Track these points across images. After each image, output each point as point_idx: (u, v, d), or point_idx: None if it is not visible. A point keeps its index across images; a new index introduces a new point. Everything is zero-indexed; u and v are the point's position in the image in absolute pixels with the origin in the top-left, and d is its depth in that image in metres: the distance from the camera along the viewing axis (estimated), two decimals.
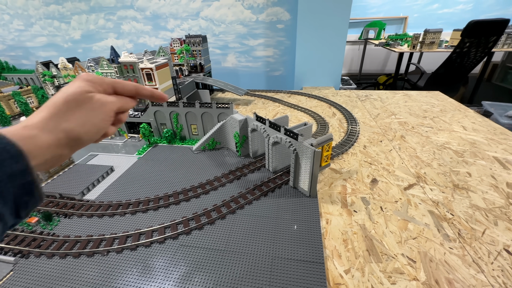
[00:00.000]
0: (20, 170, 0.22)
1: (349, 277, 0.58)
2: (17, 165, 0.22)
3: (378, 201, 0.81)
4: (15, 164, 0.22)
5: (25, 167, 0.23)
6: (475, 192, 0.83)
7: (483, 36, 2.32)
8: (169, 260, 0.64)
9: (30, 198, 0.23)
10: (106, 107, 0.32)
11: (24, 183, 0.23)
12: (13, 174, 0.21)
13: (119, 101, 0.35)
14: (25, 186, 0.23)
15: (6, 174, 0.21)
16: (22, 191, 0.22)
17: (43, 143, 0.26)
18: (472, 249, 0.63)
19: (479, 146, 1.10)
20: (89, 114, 0.31)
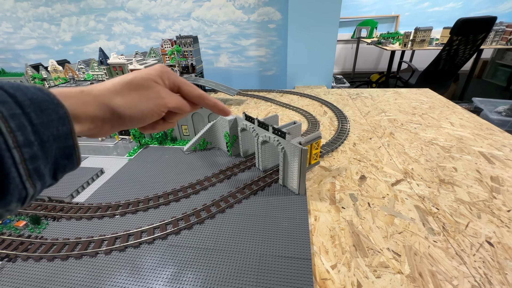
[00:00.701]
0: (64, 133, 0.22)
1: (335, 272, 0.59)
2: (63, 128, 0.22)
3: (366, 197, 0.82)
4: (61, 127, 0.22)
5: (69, 131, 0.23)
6: (460, 186, 0.85)
7: (472, 33, 2.36)
8: (158, 260, 0.64)
9: (69, 162, 0.24)
10: (161, 100, 0.33)
11: (66, 147, 0.23)
12: (58, 136, 0.22)
13: (178, 101, 0.35)
14: (65, 149, 0.23)
15: (52, 135, 0.21)
16: (63, 154, 0.23)
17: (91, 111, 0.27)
18: (455, 241, 0.65)
19: (466, 141, 1.12)
20: (141, 100, 0.31)
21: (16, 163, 0.18)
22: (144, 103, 0.32)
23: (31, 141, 0.19)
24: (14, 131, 0.18)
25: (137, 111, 0.31)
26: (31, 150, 0.20)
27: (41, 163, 0.21)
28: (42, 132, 0.20)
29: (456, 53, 2.52)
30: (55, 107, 0.22)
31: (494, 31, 3.16)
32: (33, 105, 0.20)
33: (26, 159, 0.19)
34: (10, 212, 0.20)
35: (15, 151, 0.18)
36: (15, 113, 0.19)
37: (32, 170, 0.20)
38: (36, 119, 0.20)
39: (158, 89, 0.33)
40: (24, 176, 0.19)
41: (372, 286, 0.56)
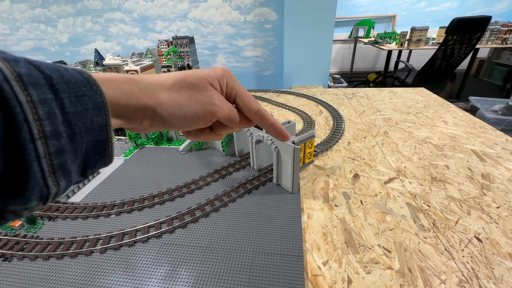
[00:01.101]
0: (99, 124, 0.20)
1: (327, 268, 0.60)
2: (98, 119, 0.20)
3: (359, 195, 0.83)
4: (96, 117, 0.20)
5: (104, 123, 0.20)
6: (452, 184, 0.86)
7: (467, 33, 2.38)
8: (153, 258, 0.65)
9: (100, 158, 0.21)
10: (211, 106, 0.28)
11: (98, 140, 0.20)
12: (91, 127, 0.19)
13: (230, 112, 0.30)
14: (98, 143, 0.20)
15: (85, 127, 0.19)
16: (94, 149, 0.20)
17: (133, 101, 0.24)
18: (445, 238, 0.66)
19: (459, 139, 1.13)
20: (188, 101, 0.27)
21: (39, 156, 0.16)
22: (190, 106, 0.27)
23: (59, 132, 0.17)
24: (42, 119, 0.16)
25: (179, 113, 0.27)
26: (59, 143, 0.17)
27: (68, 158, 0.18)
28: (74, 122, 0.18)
29: (452, 52, 2.54)
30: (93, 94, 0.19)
31: (489, 30, 3.18)
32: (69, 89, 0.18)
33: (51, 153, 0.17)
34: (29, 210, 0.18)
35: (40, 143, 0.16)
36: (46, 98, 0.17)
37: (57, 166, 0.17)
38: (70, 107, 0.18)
39: (212, 94, 0.28)
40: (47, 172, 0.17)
41: (362, 282, 0.57)
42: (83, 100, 0.19)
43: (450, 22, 2.37)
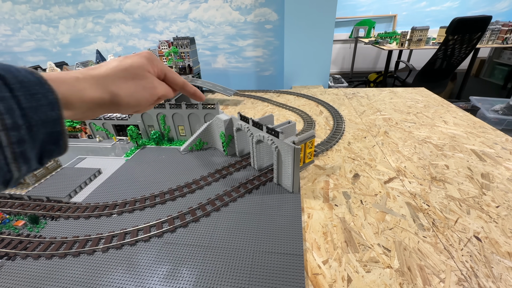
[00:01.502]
0: (53, 118, 0.22)
1: (327, 267, 0.61)
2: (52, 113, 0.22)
3: (359, 195, 0.84)
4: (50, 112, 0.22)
5: (58, 116, 0.23)
6: (451, 183, 0.86)
7: (467, 33, 2.38)
8: (154, 257, 0.65)
9: (56, 148, 0.24)
10: (154, 90, 0.35)
11: (53, 132, 0.23)
12: (46, 121, 0.22)
13: (165, 90, 0.37)
14: (53, 135, 0.23)
15: (41, 120, 0.21)
16: (50, 140, 0.23)
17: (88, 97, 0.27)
18: (444, 237, 0.66)
19: (458, 139, 1.13)
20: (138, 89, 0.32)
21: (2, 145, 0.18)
22: (140, 93, 0.33)
23: (19, 125, 0.19)
24: (3, 113, 0.18)
25: (134, 100, 0.32)
26: (19, 134, 0.19)
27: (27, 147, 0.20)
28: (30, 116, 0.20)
29: (452, 52, 2.54)
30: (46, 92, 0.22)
31: (490, 30, 3.18)
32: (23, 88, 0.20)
33: (13, 142, 0.19)
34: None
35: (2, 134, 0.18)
36: (4, 96, 0.19)
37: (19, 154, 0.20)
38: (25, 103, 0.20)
39: (152, 79, 0.35)
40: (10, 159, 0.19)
41: (362, 280, 0.57)
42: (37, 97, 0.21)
43: (451, 22, 2.37)
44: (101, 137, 1.28)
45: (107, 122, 1.24)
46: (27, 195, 0.88)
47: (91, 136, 1.30)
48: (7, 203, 0.86)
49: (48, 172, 0.99)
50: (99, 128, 1.27)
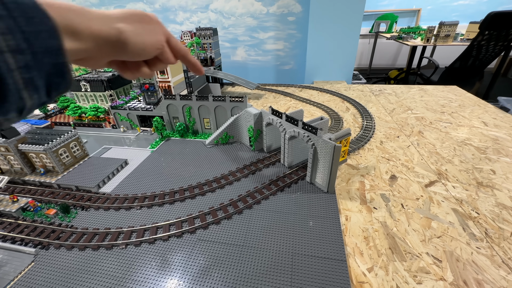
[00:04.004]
0: (55, 47, 0.21)
1: (373, 275, 0.57)
2: (53, 42, 0.21)
3: (399, 198, 0.78)
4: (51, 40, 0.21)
5: (59, 46, 0.21)
6: (501, 190, 0.80)
7: (504, 28, 2.22)
8: (188, 254, 0.63)
9: (62, 81, 0.23)
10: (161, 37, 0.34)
11: (57, 63, 0.22)
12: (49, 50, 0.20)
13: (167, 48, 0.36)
14: (57, 66, 0.22)
15: (43, 48, 0.20)
16: (55, 71, 0.22)
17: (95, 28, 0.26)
18: (501, 249, 0.61)
19: (502, 142, 1.06)
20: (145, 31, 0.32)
21: (10, 69, 0.17)
22: (147, 35, 0.32)
23: (23, 48, 0.18)
24: (5, 33, 0.17)
25: (140, 41, 0.31)
26: (25, 58, 0.18)
27: (35, 75, 0.19)
28: (32, 41, 0.19)
29: (486, 49, 2.39)
30: (43, 17, 0.20)
31: None
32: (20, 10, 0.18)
33: (20, 67, 0.18)
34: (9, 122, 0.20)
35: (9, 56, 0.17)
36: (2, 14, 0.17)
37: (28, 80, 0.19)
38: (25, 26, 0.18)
39: (158, 27, 0.34)
40: (21, 85, 0.18)
41: None
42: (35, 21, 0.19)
43: (486, 16, 2.22)
44: (125, 127, 1.27)
45: (132, 112, 1.23)
46: (57, 184, 0.88)
47: (115, 126, 1.29)
48: (37, 191, 0.86)
49: (76, 161, 0.98)
50: (123, 118, 1.26)
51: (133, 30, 0.30)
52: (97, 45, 0.27)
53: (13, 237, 0.69)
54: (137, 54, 0.32)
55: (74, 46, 0.25)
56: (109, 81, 1.34)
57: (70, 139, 0.95)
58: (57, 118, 1.39)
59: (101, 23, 0.27)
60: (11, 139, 0.88)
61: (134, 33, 0.30)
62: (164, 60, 0.37)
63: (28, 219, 0.75)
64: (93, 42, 0.27)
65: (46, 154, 0.88)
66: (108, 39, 0.28)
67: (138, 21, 0.31)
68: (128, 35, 0.30)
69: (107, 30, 0.28)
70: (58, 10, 0.23)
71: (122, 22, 0.29)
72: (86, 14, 0.26)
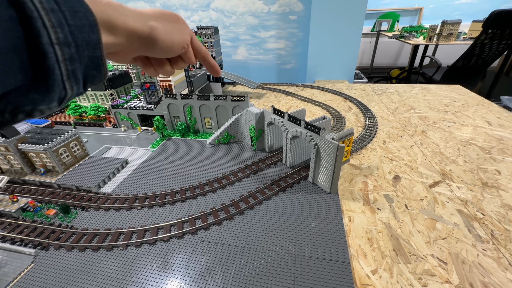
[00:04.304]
0: (94, 41, 0.22)
1: (377, 277, 0.56)
2: (93, 36, 0.22)
3: (402, 198, 0.77)
4: (91, 34, 0.21)
5: (97, 40, 0.22)
6: (506, 191, 0.78)
7: (507, 27, 2.20)
8: (189, 255, 0.62)
9: (97, 74, 0.23)
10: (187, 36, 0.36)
11: (94, 57, 0.22)
12: (89, 43, 0.21)
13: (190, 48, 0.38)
14: (94, 59, 0.22)
15: (85, 41, 0.21)
16: (92, 64, 0.22)
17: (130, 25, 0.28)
18: (507, 251, 0.60)
19: (507, 142, 1.04)
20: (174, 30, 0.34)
21: (58, 60, 0.18)
22: (175, 34, 0.34)
23: (69, 41, 0.19)
24: (55, 26, 0.18)
25: (169, 39, 0.33)
26: (70, 51, 0.19)
27: (77, 67, 0.20)
28: (76, 35, 0.20)
29: (490, 48, 2.37)
30: (86, 12, 0.21)
31: None
32: (67, 4, 0.19)
33: (66, 59, 0.19)
34: (50, 110, 0.20)
35: (58, 48, 0.18)
36: (54, 8, 0.18)
37: (71, 72, 0.20)
38: (71, 20, 0.19)
39: (185, 27, 0.36)
40: (65, 76, 0.19)
41: None
42: (79, 16, 0.20)
43: (489, 14, 2.20)
44: (126, 127, 1.26)
45: (132, 111, 1.22)
46: (57, 183, 0.87)
47: (116, 125, 1.28)
48: (37, 191, 0.85)
49: (76, 161, 0.97)
50: (124, 118, 1.25)
51: (163, 28, 0.32)
52: (129, 40, 0.29)
53: (12, 237, 0.68)
54: (165, 51, 0.34)
55: (110, 40, 0.26)
56: (110, 80, 1.34)
57: (71, 139, 0.94)
58: (57, 118, 1.39)
59: (135, 19, 0.29)
60: (11, 139, 0.87)
61: (164, 31, 0.32)
62: (186, 59, 0.39)
63: (28, 219, 0.75)
64: (127, 37, 0.28)
65: (46, 154, 0.88)
66: (141, 35, 0.29)
67: (168, 20, 0.33)
68: (159, 32, 0.31)
69: (141, 26, 0.29)
70: (99, 5, 0.24)
71: (154, 20, 0.31)
72: (123, 10, 0.27)
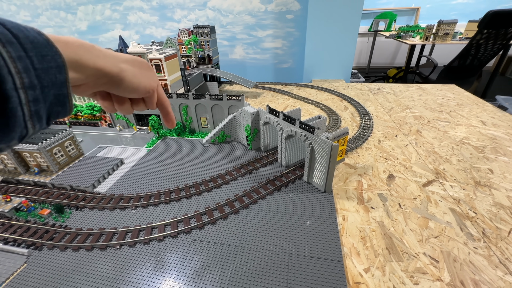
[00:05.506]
0: (60, 81, 0.23)
1: (369, 276, 0.56)
2: (60, 76, 0.23)
3: (396, 197, 0.78)
4: (58, 75, 0.23)
5: (64, 80, 0.24)
6: (498, 189, 0.79)
7: (503, 27, 2.22)
8: (183, 255, 0.62)
9: (62, 109, 0.25)
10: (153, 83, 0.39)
11: (60, 94, 0.24)
12: (55, 83, 0.23)
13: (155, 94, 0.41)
14: (60, 97, 0.24)
15: (51, 82, 0.22)
16: (57, 101, 0.24)
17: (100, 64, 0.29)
18: (498, 249, 0.60)
19: (500, 141, 1.05)
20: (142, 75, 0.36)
21: (22, 103, 0.20)
22: (143, 78, 0.36)
23: (34, 84, 0.20)
24: (21, 72, 0.19)
25: (136, 81, 0.35)
26: (34, 93, 0.21)
27: (41, 107, 0.22)
28: (42, 77, 0.21)
29: (485, 48, 2.38)
30: (54, 55, 0.22)
31: None
32: (35, 49, 0.21)
33: (30, 101, 0.20)
34: (9, 147, 0.22)
35: (22, 92, 0.19)
36: (21, 55, 0.19)
37: (34, 112, 0.21)
38: (37, 64, 0.21)
39: (153, 74, 0.39)
40: (27, 117, 0.20)
41: None
42: (47, 59, 0.22)
43: (485, 14, 2.21)
44: (121, 126, 1.26)
45: None
46: (51, 183, 0.87)
47: (111, 125, 1.28)
48: (31, 191, 0.85)
49: (71, 160, 0.97)
50: (119, 117, 1.24)
51: (132, 72, 0.34)
52: (96, 77, 0.30)
53: (5, 237, 0.68)
54: (129, 92, 0.35)
55: (75, 76, 0.27)
56: None
57: (65, 138, 0.94)
58: None
59: (106, 60, 0.30)
60: None
61: (132, 74, 0.34)
62: (148, 103, 0.41)
63: (21, 219, 0.74)
64: (94, 74, 0.29)
65: (40, 153, 0.87)
66: (109, 74, 0.31)
67: (138, 66, 0.36)
68: (127, 74, 0.33)
69: (110, 66, 0.31)
70: (71, 47, 0.26)
71: (125, 63, 0.33)
72: (95, 51, 0.29)
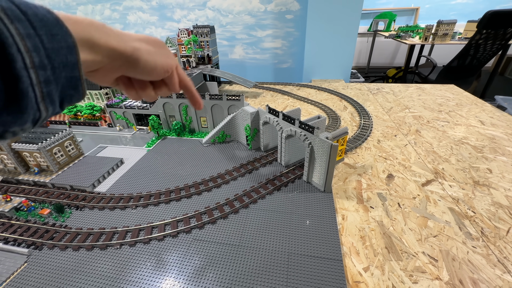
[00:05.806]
0: (72, 62, 0.22)
1: (368, 275, 0.56)
2: (71, 57, 0.22)
3: (395, 197, 0.78)
4: (69, 56, 0.22)
5: (76, 61, 0.23)
6: (497, 189, 0.80)
7: (502, 27, 2.23)
8: (183, 254, 0.63)
9: (75, 93, 0.24)
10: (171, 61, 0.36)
11: (72, 77, 0.23)
12: (66, 64, 0.22)
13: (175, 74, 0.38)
14: (72, 80, 0.23)
15: (62, 63, 0.21)
16: (70, 84, 0.23)
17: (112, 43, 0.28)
18: (496, 248, 0.61)
19: (499, 141, 1.06)
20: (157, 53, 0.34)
21: (33, 83, 0.19)
22: (158, 56, 0.34)
23: (45, 64, 0.20)
24: (31, 51, 0.18)
25: (152, 60, 0.33)
26: (45, 73, 0.20)
27: (53, 88, 0.21)
28: (53, 57, 0.20)
29: (484, 48, 2.39)
30: (64, 35, 0.21)
31: None
32: (44, 27, 0.20)
33: (41, 81, 0.19)
34: (23, 131, 0.21)
35: (32, 72, 0.19)
36: (30, 33, 0.18)
37: (46, 94, 0.20)
38: (48, 43, 0.20)
39: (171, 53, 0.37)
40: (39, 98, 0.20)
41: None
42: (57, 39, 0.21)
43: (484, 15, 2.22)
44: (121, 126, 1.26)
45: (128, 111, 1.22)
46: (51, 183, 0.87)
47: (111, 124, 1.28)
48: (31, 190, 0.85)
49: (70, 160, 0.97)
50: (119, 117, 1.24)
51: (147, 50, 0.32)
52: (111, 58, 0.29)
53: (5, 237, 0.68)
54: (147, 72, 0.33)
55: (90, 58, 0.26)
56: None
57: (65, 138, 0.94)
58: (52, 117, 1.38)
59: (118, 39, 0.29)
60: None
61: (147, 52, 0.32)
62: (170, 86, 0.39)
63: (21, 219, 0.75)
64: (108, 55, 0.28)
65: (40, 153, 0.87)
66: (123, 54, 0.30)
67: (152, 44, 0.34)
68: (142, 52, 0.32)
69: (123, 45, 0.29)
70: (80, 25, 0.25)
71: (138, 42, 0.32)
72: (105, 30, 0.27)
